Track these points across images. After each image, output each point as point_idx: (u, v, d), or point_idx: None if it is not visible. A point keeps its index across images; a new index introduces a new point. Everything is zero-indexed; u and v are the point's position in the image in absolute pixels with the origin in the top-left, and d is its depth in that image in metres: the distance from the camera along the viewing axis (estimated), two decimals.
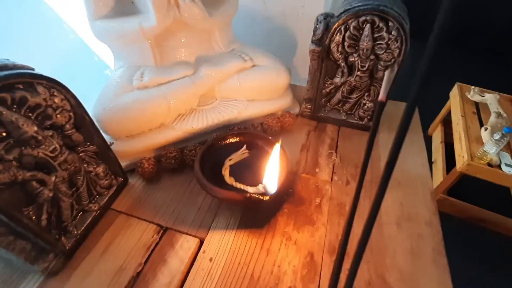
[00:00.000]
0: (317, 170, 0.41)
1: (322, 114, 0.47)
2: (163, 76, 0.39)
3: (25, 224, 0.25)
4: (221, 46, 0.44)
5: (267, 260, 0.31)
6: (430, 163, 1.19)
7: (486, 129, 0.85)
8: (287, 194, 0.37)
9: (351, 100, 0.44)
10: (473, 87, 1.04)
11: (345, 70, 0.41)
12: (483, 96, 1.00)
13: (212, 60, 0.43)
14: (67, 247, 0.30)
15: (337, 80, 0.42)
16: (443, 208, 0.99)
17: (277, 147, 0.31)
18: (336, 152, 0.44)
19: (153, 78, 0.39)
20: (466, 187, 0.98)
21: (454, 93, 1.09)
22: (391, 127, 0.47)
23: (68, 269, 0.30)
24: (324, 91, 0.44)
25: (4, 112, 0.22)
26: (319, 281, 0.30)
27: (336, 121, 0.47)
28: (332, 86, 0.43)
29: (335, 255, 0.32)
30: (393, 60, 0.37)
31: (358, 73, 0.40)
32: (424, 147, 0.44)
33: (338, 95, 0.44)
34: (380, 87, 0.41)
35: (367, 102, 0.43)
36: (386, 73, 0.36)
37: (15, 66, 0.23)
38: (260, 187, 0.31)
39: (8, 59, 0.24)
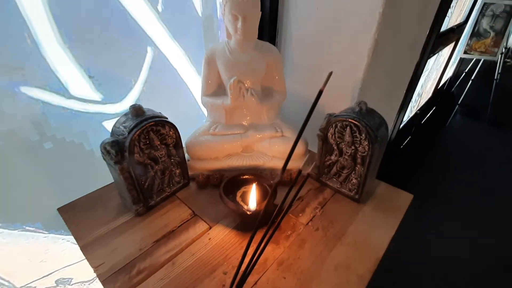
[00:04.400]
0: (300, 214, 0.57)
1: (324, 180, 0.64)
2: (226, 131, 0.67)
3: (139, 183, 0.55)
4: (266, 119, 0.70)
5: (238, 252, 0.50)
6: None
7: None
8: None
9: (343, 174, 0.60)
10: None
11: (337, 152, 0.58)
12: None
13: (257, 127, 0.68)
14: (149, 204, 0.58)
15: (333, 157, 0.60)
16: None
17: (253, 187, 0.52)
18: (322, 208, 0.59)
19: (220, 130, 0.67)
20: None
21: None
22: (378, 206, 0.59)
23: (145, 216, 0.58)
24: (326, 163, 0.62)
25: (151, 134, 0.53)
26: (262, 274, 0.46)
27: (333, 188, 0.63)
28: (330, 161, 0.61)
29: (281, 266, 0.47)
30: (366, 153, 0.53)
31: (345, 156, 0.57)
32: (396, 227, 0.54)
33: (335, 169, 0.61)
34: (362, 170, 0.56)
35: (353, 178, 0.58)
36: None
37: (159, 116, 0.55)
38: (247, 206, 0.52)
39: (160, 112, 0.57)
